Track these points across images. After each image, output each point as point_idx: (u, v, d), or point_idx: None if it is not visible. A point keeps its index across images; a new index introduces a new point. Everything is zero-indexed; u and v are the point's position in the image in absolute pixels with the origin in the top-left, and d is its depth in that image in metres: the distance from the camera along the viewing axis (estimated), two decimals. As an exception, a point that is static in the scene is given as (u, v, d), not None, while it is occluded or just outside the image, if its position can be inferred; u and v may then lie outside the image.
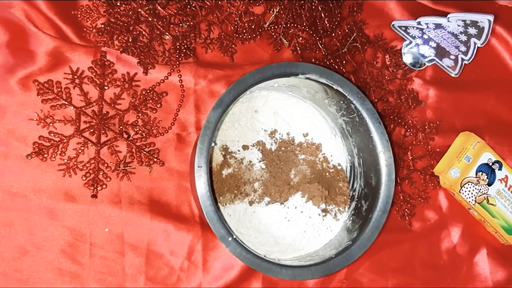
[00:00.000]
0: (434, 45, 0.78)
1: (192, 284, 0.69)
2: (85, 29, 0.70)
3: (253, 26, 0.75)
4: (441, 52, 0.78)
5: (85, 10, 0.70)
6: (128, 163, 0.69)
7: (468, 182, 0.77)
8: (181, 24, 0.72)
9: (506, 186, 0.78)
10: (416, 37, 0.78)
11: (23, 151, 0.66)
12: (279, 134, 0.75)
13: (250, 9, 0.76)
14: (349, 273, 0.75)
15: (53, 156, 0.67)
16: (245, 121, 0.73)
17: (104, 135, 0.69)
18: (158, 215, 0.69)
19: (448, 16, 0.73)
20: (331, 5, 0.78)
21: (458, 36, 0.74)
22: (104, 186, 0.68)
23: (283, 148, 0.74)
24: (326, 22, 0.78)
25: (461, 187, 0.77)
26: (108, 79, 0.69)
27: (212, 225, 0.61)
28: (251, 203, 0.71)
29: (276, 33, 0.76)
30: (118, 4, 0.70)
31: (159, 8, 0.71)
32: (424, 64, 0.81)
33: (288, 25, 0.76)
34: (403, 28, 0.78)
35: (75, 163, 0.67)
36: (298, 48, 0.77)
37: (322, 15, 0.77)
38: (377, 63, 0.80)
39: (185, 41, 0.72)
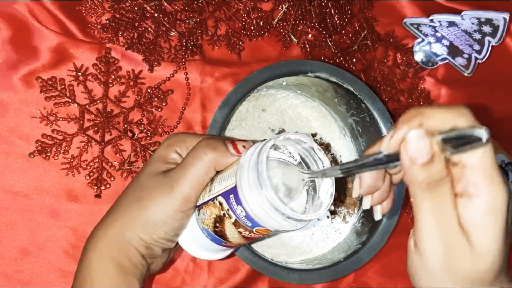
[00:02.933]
0: (447, 43, 0.76)
1: (197, 286, 0.68)
2: (89, 25, 0.68)
3: (261, 23, 0.74)
4: (454, 50, 0.77)
5: (90, 6, 0.68)
6: (133, 162, 0.68)
7: (481, 184, 0.75)
8: (187, 21, 0.71)
9: (519, 188, 0.77)
10: (429, 35, 0.76)
11: (25, 149, 0.65)
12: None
13: (258, 6, 0.74)
14: (357, 276, 0.73)
15: (56, 154, 0.65)
16: (252, 120, 0.72)
17: (108, 133, 0.67)
18: (163, 215, 0.67)
19: (462, 13, 0.71)
20: (341, 2, 0.76)
21: (472, 35, 0.72)
22: (108, 186, 0.67)
23: (291, 148, 0.73)
24: (336, 19, 0.76)
25: (474, 189, 0.75)
26: (113, 77, 0.68)
27: (217, 227, 0.60)
28: (258, 204, 0.70)
29: (285, 30, 0.75)
30: (124, -1, 0.69)
31: (165, 4, 0.70)
32: (436, 63, 0.79)
33: (297, 22, 0.75)
34: (415, 26, 0.76)
35: (79, 162, 0.66)
36: (307, 46, 0.76)
37: (332, 11, 0.76)
38: (388, 61, 0.78)
39: (191, 38, 0.70)
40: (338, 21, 0.76)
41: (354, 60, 0.76)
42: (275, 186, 0.45)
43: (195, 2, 0.71)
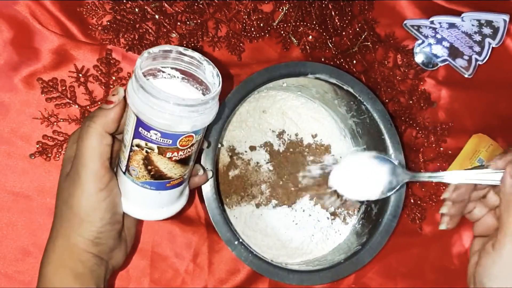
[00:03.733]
0: (447, 45, 0.76)
1: (197, 287, 0.68)
2: (90, 27, 0.69)
3: (261, 25, 0.74)
4: (454, 52, 0.77)
5: (91, 7, 0.68)
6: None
7: (481, 185, 0.76)
8: (188, 22, 0.71)
9: (519, 189, 0.77)
10: (429, 36, 0.76)
11: (26, 151, 0.65)
12: (287, 135, 0.74)
13: (258, 7, 0.74)
14: (357, 277, 0.73)
15: (57, 155, 0.66)
16: (253, 122, 0.72)
17: (109, 134, 0.67)
18: (163, 216, 0.67)
19: (462, 15, 0.71)
20: (341, 3, 0.76)
21: (472, 36, 0.72)
22: (108, 187, 0.67)
23: (291, 150, 0.73)
24: (337, 21, 0.76)
25: (474, 191, 0.75)
26: (114, 78, 0.68)
27: (218, 228, 0.60)
28: (258, 205, 0.70)
29: (285, 32, 0.75)
30: (124, 1, 0.69)
31: (166, 5, 0.70)
32: (437, 64, 0.79)
33: (298, 23, 0.75)
34: (416, 27, 0.77)
35: (79, 163, 0.66)
36: (308, 47, 0.76)
37: (333, 13, 0.76)
38: (388, 63, 0.78)
39: (192, 40, 0.71)
40: (338, 23, 0.76)
41: (355, 61, 0.76)
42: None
43: (196, 4, 0.71)
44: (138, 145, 0.48)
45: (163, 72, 0.50)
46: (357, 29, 0.77)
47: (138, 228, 0.56)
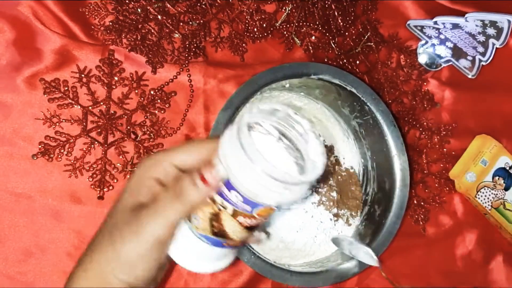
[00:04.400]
0: (450, 45, 0.76)
1: (199, 289, 0.68)
2: (93, 27, 0.68)
3: (264, 25, 0.74)
4: (458, 52, 0.76)
5: (93, 8, 0.68)
6: (136, 164, 0.68)
7: (485, 186, 0.75)
8: (190, 22, 0.71)
9: (523, 191, 0.77)
10: (432, 37, 0.76)
11: (28, 151, 0.65)
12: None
13: (261, 7, 0.74)
14: (361, 279, 0.73)
15: (59, 156, 0.65)
16: (256, 122, 0.72)
17: (111, 135, 0.67)
18: (166, 217, 0.67)
19: (466, 16, 0.71)
20: (344, 4, 0.76)
21: (476, 37, 0.72)
22: (111, 188, 0.66)
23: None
24: (340, 21, 0.76)
25: (477, 192, 0.75)
26: (116, 78, 0.68)
27: (220, 229, 0.60)
28: (260, 206, 0.69)
29: (288, 32, 0.75)
30: (127, 1, 0.68)
31: (168, 5, 0.70)
32: (440, 65, 0.79)
33: (301, 23, 0.74)
34: (419, 28, 0.76)
35: (82, 163, 0.66)
36: (311, 47, 0.75)
37: (336, 13, 0.75)
38: (391, 63, 0.78)
39: (194, 40, 0.70)
40: (341, 23, 0.76)
41: (358, 62, 0.76)
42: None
43: (198, 4, 0.71)
44: (212, 199, 0.43)
45: (261, 126, 0.45)
46: (360, 30, 0.77)
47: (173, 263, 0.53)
